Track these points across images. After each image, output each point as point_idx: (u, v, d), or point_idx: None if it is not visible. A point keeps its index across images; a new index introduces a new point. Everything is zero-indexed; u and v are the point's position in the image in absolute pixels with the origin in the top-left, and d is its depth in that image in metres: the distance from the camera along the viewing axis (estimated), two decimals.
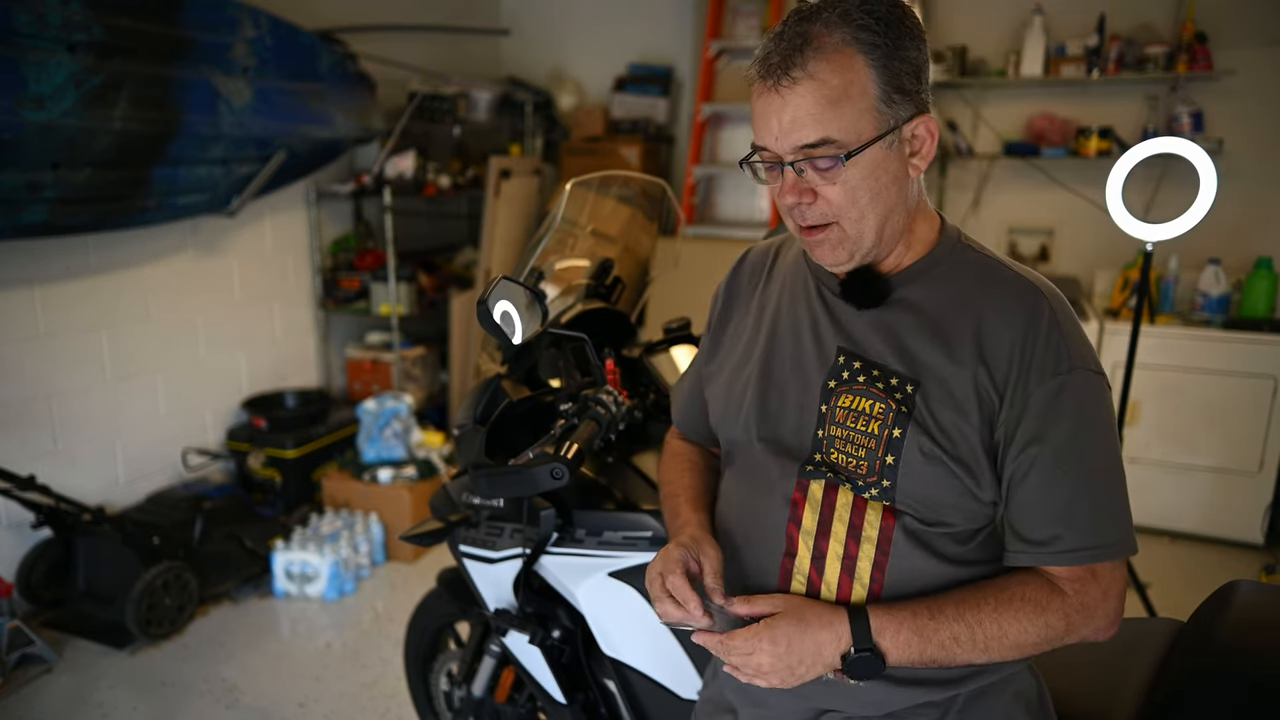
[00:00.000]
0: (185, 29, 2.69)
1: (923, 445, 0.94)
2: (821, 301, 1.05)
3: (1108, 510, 0.94)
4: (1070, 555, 0.93)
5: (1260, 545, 3.29)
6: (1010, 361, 0.93)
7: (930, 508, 0.96)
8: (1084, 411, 0.93)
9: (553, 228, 1.65)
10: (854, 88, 0.89)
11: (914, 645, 0.92)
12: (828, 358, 1.02)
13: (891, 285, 1.00)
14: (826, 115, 0.89)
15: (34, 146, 2.35)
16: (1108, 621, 0.95)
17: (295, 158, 3.27)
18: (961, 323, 0.96)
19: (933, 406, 0.94)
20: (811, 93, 0.89)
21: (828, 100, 0.89)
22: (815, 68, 0.89)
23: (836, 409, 0.99)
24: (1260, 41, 3.47)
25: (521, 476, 1.17)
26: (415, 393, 3.89)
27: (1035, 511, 0.94)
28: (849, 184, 0.92)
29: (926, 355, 0.96)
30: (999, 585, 0.96)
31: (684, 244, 4.01)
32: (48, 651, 2.56)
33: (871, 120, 0.90)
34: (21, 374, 2.78)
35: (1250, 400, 3.20)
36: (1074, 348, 0.94)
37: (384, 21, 3.91)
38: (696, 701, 1.25)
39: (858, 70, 0.89)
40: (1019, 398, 0.92)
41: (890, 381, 0.97)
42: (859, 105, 0.90)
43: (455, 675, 1.95)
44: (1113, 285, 3.63)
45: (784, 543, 1.01)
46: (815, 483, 1.00)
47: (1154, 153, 2.21)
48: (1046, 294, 0.96)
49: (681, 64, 4.65)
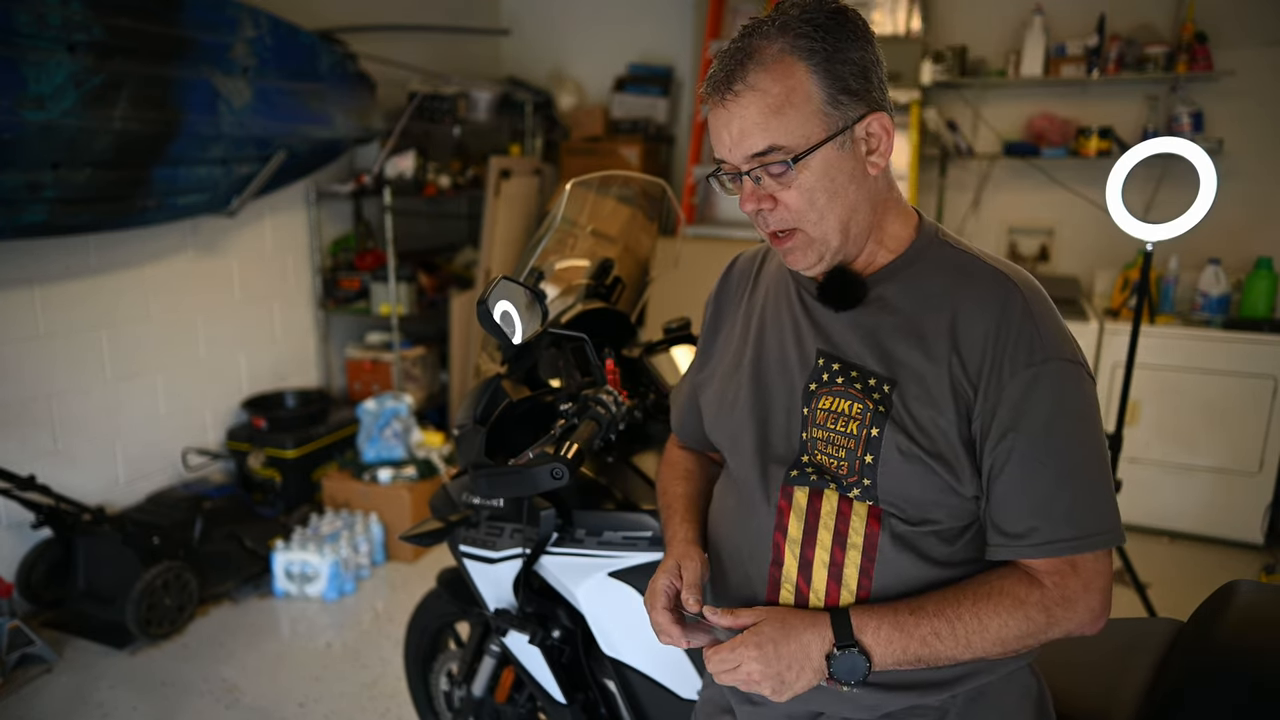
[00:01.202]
0: (185, 29, 2.69)
1: (900, 444, 0.94)
2: (802, 305, 1.06)
3: (1086, 501, 0.93)
4: (1047, 547, 0.93)
5: (1260, 545, 3.29)
6: (984, 353, 0.93)
7: (914, 505, 0.96)
8: (1061, 402, 0.92)
9: (553, 228, 1.65)
10: (796, 94, 0.91)
11: (896, 642, 0.93)
12: (809, 360, 1.03)
13: (867, 286, 1.01)
14: (771, 123, 0.92)
15: (34, 146, 2.35)
16: (1092, 615, 0.95)
17: (295, 158, 3.27)
18: (937, 319, 0.96)
19: (910, 405, 0.95)
20: (754, 103, 0.92)
21: (770, 109, 0.92)
22: (755, 79, 0.92)
23: (817, 411, 1.00)
24: (1260, 41, 3.47)
25: (521, 476, 1.17)
26: (415, 393, 3.89)
27: (1013, 504, 0.94)
28: (804, 187, 0.94)
29: (903, 354, 0.97)
30: (978, 581, 0.96)
31: (684, 244, 4.01)
32: (48, 651, 2.56)
33: (819, 123, 0.92)
34: (21, 374, 2.78)
35: (1250, 400, 3.20)
36: (1048, 337, 0.93)
37: (384, 21, 3.91)
38: (696, 701, 1.25)
39: (798, 77, 0.91)
40: (993, 389, 0.93)
41: (868, 382, 0.98)
42: (803, 110, 0.92)
43: (455, 675, 1.95)
44: (1113, 285, 3.63)
45: (771, 551, 1.02)
46: (799, 490, 1.00)
47: (1154, 153, 2.21)
48: (1019, 284, 0.96)
49: (681, 64, 4.65)
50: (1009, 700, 1.02)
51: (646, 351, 1.63)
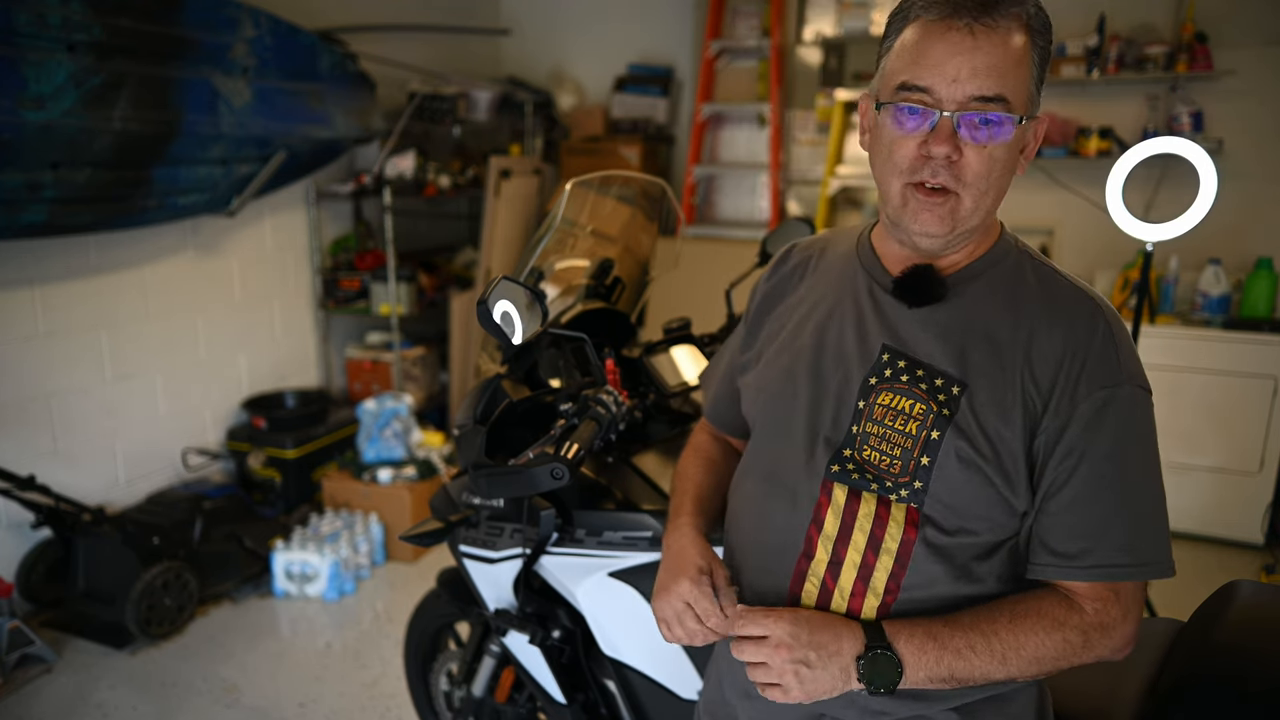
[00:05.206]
0: (185, 29, 2.69)
1: (960, 450, 0.93)
2: (871, 298, 1.03)
3: (1143, 529, 0.92)
4: (1098, 571, 0.92)
5: (1260, 545, 3.29)
6: (1059, 371, 0.92)
7: (957, 513, 0.94)
8: (1129, 427, 0.92)
9: (553, 228, 1.65)
10: (1026, 59, 0.90)
11: (930, 651, 0.91)
12: (871, 354, 1.00)
13: (947, 285, 0.98)
14: (1011, 74, 0.88)
15: (34, 146, 2.35)
16: (1125, 641, 0.94)
17: (295, 158, 3.26)
18: (1014, 328, 0.95)
19: (977, 410, 0.93)
20: (1004, 44, 0.88)
21: (1013, 60, 0.88)
22: (1007, 24, 0.88)
23: (875, 406, 0.98)
24: (1260, 41, 3.47)
25: (521, 477, 1.16)
26: (415, 393, 3.89)
27: (1068, 524, 0.92)
28: (995, 155, 0.90)
29: (977, 358, 0.95)
30: (1014, 600, 0.95)
31: (684, 244, 4.01)
32: (48, 651, 2.56)
33: (1028, 98, 0.91)
34: (21, 374, 2.78)
35: (1250, 400, 3.20)
36: (1125, 363, 0.93)
37: (384, 21, 3.91)
38: (697, 702, 1.25)
39: (1026, 49, 0.90)
40: (1065, 407, 0.91)
41: (935, 382, 0.95)
42: (1027, 79, 0.90)
43: (455, 675, 1.94)
44: (1113, 285, 3.63)
45: (803, 543, 1.00)
46: (840, 487, 0.99)
47: (1154, 153, 2.21)
48: (1102, 306, 0.95)
49: (681, 64, 4.65)
50: (1011, 700, 1.01)
51: (646, 351, 1.62)
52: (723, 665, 1.14)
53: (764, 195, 4.53)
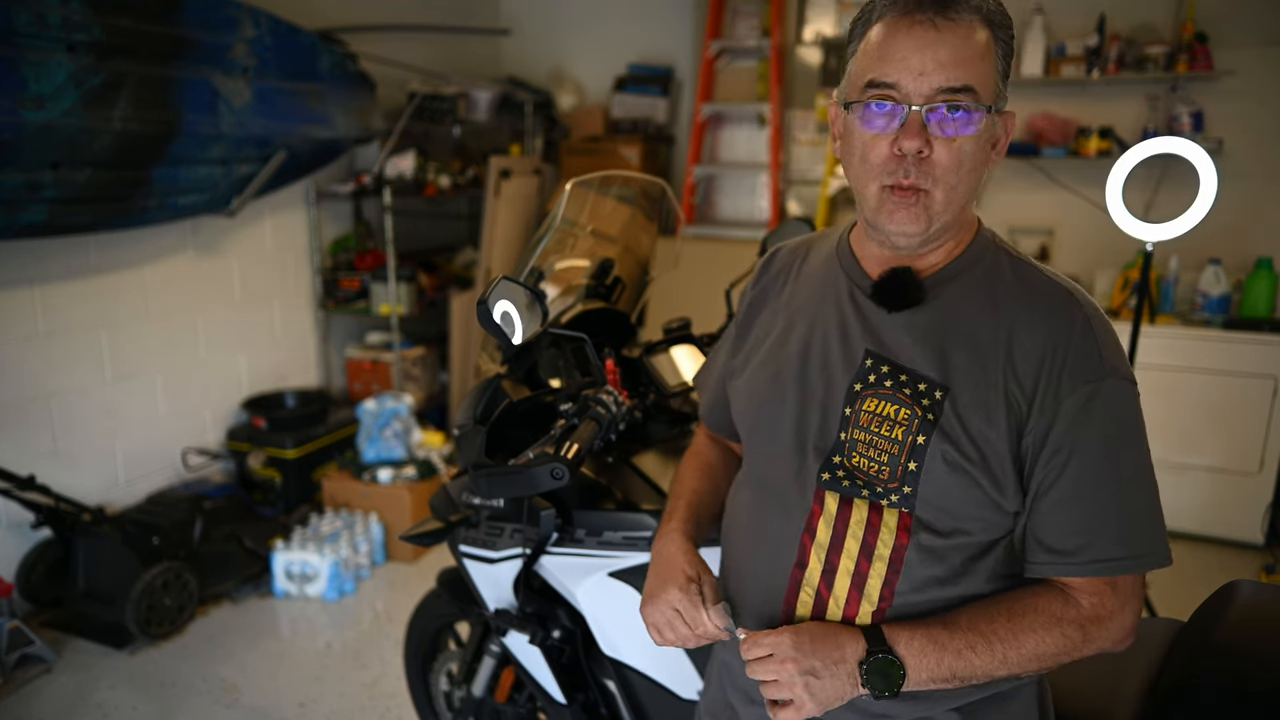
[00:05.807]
0: (185, 29, 2.69)
1: (946, 453, 0.92)
2: (852, 302, 1.03)
3: (1138, 521, 0.92)
4: (1096, 565, 0.92)
5: (1260, 545, 3.29)
6: (1041, 368, 0.92)
7: (950, 515, 0.94)
8: (1116, 421, 0.92)
9: (553, 228, 1.65)
10: (990, 52, 0.90)
11: (930, 653, 0.91)
12: (855, 359, 1.00)
13: (925, 289, 0.98)
14: (976, 65, 0.89)
15: (34, 146, 2.35)
16: (1124, 633, 0.95)
17: (295, 158, 3.26)
18: (994, 328, 0.94)
19: (961, 413, 0.93)
20: (967, 36, 0.89)
21: (977, 52, 0.89)
22: (969, 18, 0.89)
23: (861, 412, 0.98)
24: (1260, 41, 3.47)
25: (521, 476, 1.16)
26: (415, 393, 3.89)
27: (1063, 520, 0.92)
28: (964, 148, 0.90)
29: (958, 360, 0.94)
30: (1011, 597, 0.95)
31: (684, 244, 4.01)
32: (48, 651, 2.56)
33: (994, 90, 0.91)
34: (21, 374, 2.78)
35: (1250, 400, 3.20)
36: (1107, 355, 0.92)
37: (384, 21, 3.91)
38: (697, 702, 1.25)
39: (990, 42, 0.91)
40: (1049, 405, 0.91)
41: (918, 387, 0.95)
42: (992, 71, 0.91)
43: (455, 675, 1.95)
44: (1113, 285, 3.63)
45: (796, 552, 1.00)
46: (831, 495, 0.99)
47: (1154, 153, 2.21)
48: (1081, 301, 0.95)
49: (681, 64, 4.65)
50: (1011, 700, 1.01)
51: (646, 351, 1.62)
52: (723, 666, 1.15)
53: (764, 195, 4.53)
